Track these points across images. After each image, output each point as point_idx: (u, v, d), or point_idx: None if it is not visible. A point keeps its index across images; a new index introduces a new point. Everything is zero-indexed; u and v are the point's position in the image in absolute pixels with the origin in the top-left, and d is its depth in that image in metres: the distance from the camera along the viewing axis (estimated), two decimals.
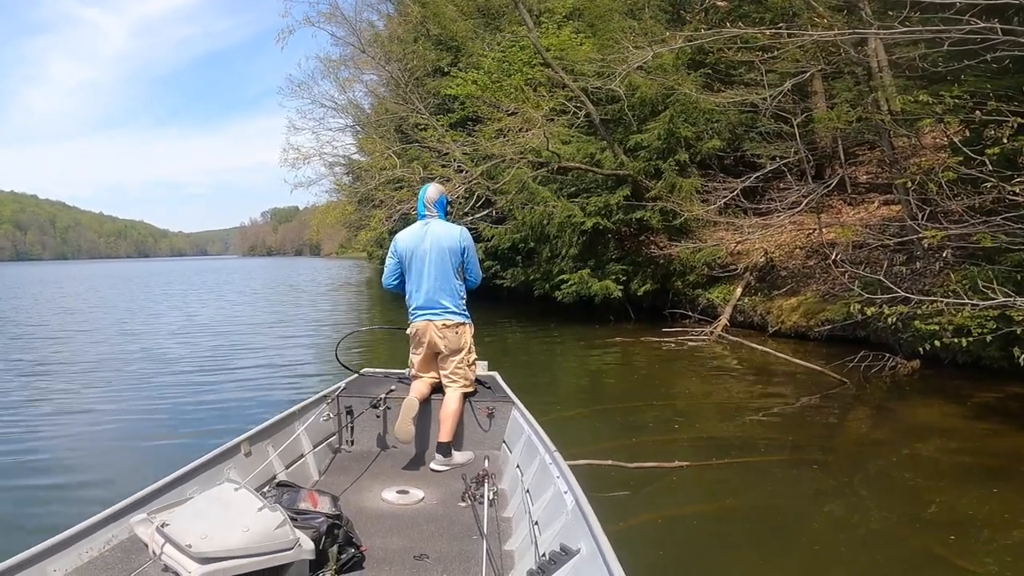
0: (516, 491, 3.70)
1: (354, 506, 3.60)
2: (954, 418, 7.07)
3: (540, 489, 3.32)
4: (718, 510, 4.97)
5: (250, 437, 3.79)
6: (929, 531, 4.49)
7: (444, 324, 4.46)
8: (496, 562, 2.96)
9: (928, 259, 9.83)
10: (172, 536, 2.38)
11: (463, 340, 4.53)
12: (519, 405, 4.46)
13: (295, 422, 4.28)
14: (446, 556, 3.11)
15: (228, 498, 2.59)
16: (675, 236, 13.85)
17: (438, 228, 4.50)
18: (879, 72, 10.74)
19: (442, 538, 3.31)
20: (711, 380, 9.42)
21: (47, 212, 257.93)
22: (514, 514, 3.54)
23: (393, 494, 3.82)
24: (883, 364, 8.70)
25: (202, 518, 2.47)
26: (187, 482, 3.17)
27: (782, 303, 12.03)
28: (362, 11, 25.19)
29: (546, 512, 3.06)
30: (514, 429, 4.39)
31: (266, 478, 3.73)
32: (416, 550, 3.15)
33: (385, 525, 3.45)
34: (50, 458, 6.51)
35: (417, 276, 4.49)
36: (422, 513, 3.64)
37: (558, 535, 2.70)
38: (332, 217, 29.00)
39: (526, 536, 3.10)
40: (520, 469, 3.83)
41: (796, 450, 6.26)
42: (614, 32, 13.62)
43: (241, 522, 2.43)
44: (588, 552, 2.36)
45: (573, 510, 2.72)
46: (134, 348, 13.48)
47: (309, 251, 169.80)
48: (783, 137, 12.64)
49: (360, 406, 4.68)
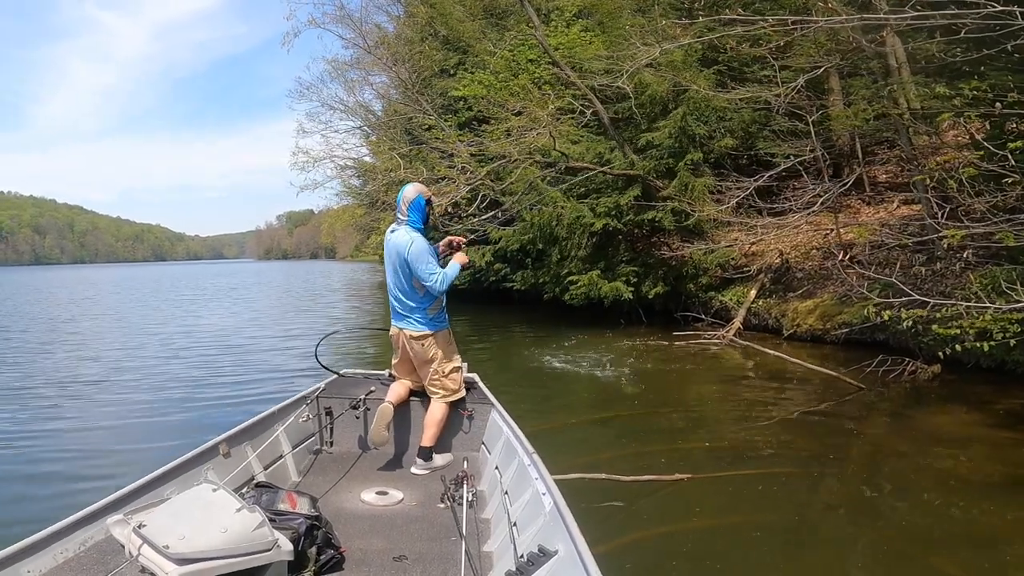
0: (495, 493, 3.72)
1: (333, 507, 3.61)
2: (976, 426, 6.79)
3: (519, 491, 3.33)
4: (718, 526, 4.70)
5: (229, 438, 3.79)
6: (948, 548, 4.26)
7: (410, 335, 4.45)
8: (475, 563, 2.99)
9: (949, 259, 9.52)
10: (149, 537, 2.37)
11: (430, 352, 4.45)
12: (498, 407, 4.48)
13: (274, 423, 4.27)
14: (425, 557, 3.12)
15: (206, 499, 2.58)
16: (687, 237, 13.60)
17: (398, 236, 4.38)
18: (897, 68, 10.44)
19: (421, 539, 3.33)
20: (722, 385, 9.18)
21: (65, 216, 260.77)
22: (493, 515, 3.57)
23: (372, 495, 3.84)
24: (902, 369, 8.43)
25: (180, 519, 2.46)
26: (165, 483, 3.18)
27: (798, 305, 11.73)
28: (371, 13, 25.18)
29: (524, 513, 3.08)
30: (493, 431, 4.41)
31: (245, 479, 3.72)
32: (395, 551, 3.17)
33: (364, 526, 3.47)
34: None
35: (389, 283, 4.52)
36: (401, 514, 3.66)
37: (536, 536, 2.72)
38: (343, 221, 28.95)
39: (505, 537, 3.11)
40: (499, 471, 3.84)
41: (806, 460, 5.98)
42: (623, 30, 13.41)
43: (219, 523, 2.42)
44: (566, 553, 2.39)
45: (551, 511, 2.75)
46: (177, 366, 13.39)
47: (324, 254, 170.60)
48: (798, 135, 12.38)
49: (340, 407, 4.68)
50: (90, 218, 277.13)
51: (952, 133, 11.57)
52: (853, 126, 11.73)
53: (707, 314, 13.15)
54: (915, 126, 10.49)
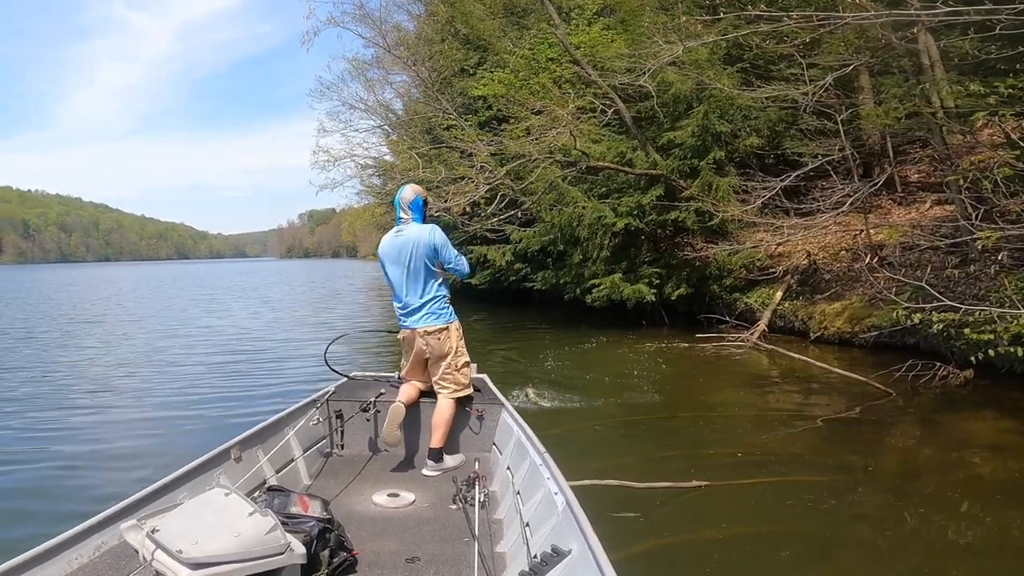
0: (507, 493, 3.70)
1: (345, 510, 3.62)
2: (1011, 433, 6.57)
3: (530, 490, 3.33)
4: (736, 536, 4.52)
5: (240, 442, 3.80)
6: (979, 560, 4.09)
7: (425, 331, 4.41)
8: (488, 564, 2.98)
9: (984, 262, 9.26)
10: (163, 542, 2.37)
11: (447, 345, 4.44)
12: (508, 407, 4.48)
13: (285, 426, 4.27)
14: (438, 559, 3.11)
15: (218, 503, 2.58)
16: (711, 238, 13.38)
17: (411, 232, 4.42)
18: (930, 66, 10.19)
19: (434, 541, 3.32)
20: (744, 390, 8.98)
21: (91, 215, 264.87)
22: (505, 516, 3.56)
23: (384, 497, 3.84)
24: (933, 374, 8.18)
25: (193, 523, 2.46)
26: (177, 487, 3.18)
27: (825, 308, 11.49)
28: (392, 12, 25.20)
29: (537, 513, 3.07)
30: (504, 431, 4.40)
31: (256, 483, 3.73)
32: (408, 553, 3.15)
33: (376, 528, 3.46)
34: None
35: (397, 285, 4.47)
36: (413, 516, 3.65)
37: (549, 536, 2.71)
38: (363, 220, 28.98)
39: (517, 537, 3.10)
40: (510, 471, 3.83)
41: (831, 468, 5.77)
42: (646, 27, 13.25)
43: (232, 527, 2.42)
44: (579, 553, 2.38)
45: (564, 511, 2.73)
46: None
47: (346, 253, 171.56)
48: (827, 134, 12.14)
49: (350, 410, 4.68)
50: (115, 216, 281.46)
51: (987, 132, 11.30)
52: (884, 125, 11.48)
53: (731, 316, 12.91)
54: (948, 125, 10.23)
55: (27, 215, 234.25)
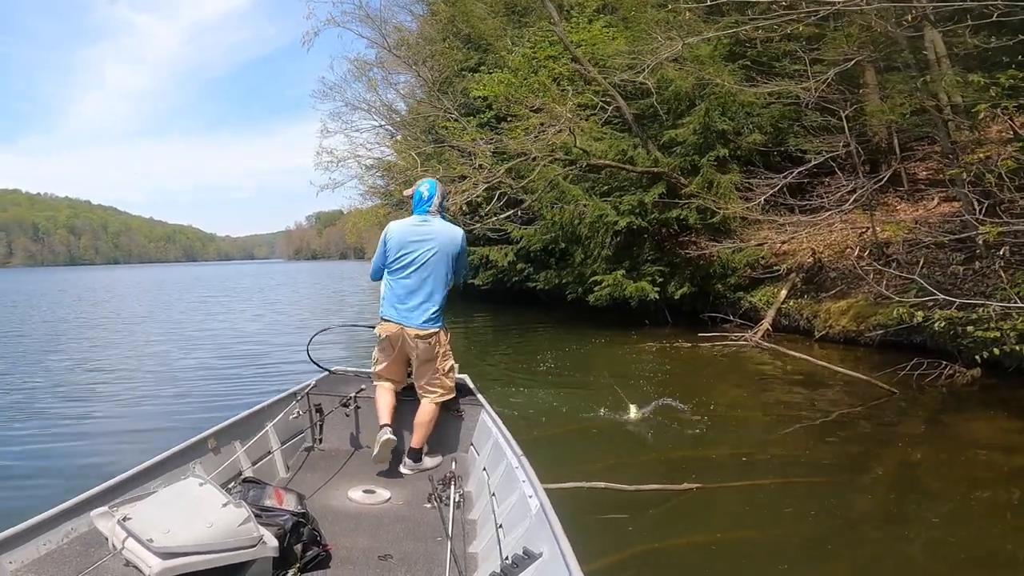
0: (482, 494, 3.70)
1: (320, 504, 3.62)
2: (1018, 433, 6.44)
3: (505, 492, 3.34)
4: (729, 540, 4.35)
5: (217, 432, 3.80)
6: (984, 565, 3.95)
7: (418, 334, 4.21)
8: (460, 564, 2.99)
9: (990, 258, 9.12)
10: (134, 530, 2.37)
11: (435, 350, 4.31)
12: (487, 408, 4.46)
13: (264, 419, 4.27)
14: (410, 557, 3.13)
15: (193, 493, 2.60)
16: (715, 236, 13.26)
17: (442, 228, 4.24)
18: (936, 61, 10.04)
19: (407, 539, 3.34)
20: (746, 389, 8.86)
21: (99, 217, 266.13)
22: (479, 516, 3.56)
23: (360, 493, 3.85)
24: (939, 372, 8.02)
25: (165, 512, 2.47)
26: (152, 476, 3.19)
27: (830, 306, 11.34)
28: (394, 12, 25.15)
29: (510, 515, 3.08)
30: (482, 432, 4.38)
31: (232, 474, 3.72)
32: (381, 550, 3.17)
33: (351, 524, 3.48)
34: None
35: (403, 275, 4.22)
36: (388, 513, 3.67)
37: (521, 538, 2.73)
38: (367, 221, 28.89)
39: (490, 539, 3.09)
40: (487, 472, 3.82)
41: (831, 469, 5.63)
42: (647, 24, 13.13)
43: (205, 517, 2.43)
44: (550, 556, 2.40)
45: (537, 514, 2.74)
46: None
47: (353, 255, 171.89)
48: (831, 131, 11.99)
49: (330, 404, 4.67)
50: (123, 219, 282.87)
51: (996, 128, 11.16)
52: (890, 121, 11.34)
53: (735, 315, 12.78)
54: (955, 120, 10.09)
55: (36, 218, 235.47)
